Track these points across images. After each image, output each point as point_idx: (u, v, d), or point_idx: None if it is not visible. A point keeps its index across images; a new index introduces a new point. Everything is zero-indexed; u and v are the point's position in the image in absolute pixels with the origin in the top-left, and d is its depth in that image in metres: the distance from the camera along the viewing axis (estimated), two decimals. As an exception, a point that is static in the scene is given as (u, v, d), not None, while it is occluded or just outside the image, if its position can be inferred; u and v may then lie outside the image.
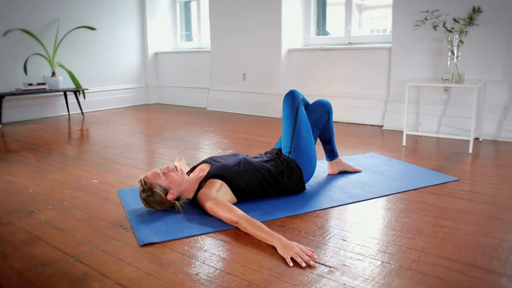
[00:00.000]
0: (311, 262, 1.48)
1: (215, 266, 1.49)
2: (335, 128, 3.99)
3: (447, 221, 1.86)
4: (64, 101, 5.24)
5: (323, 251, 1.59)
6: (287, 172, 2.16)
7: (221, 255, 1.57)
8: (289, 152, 2.24)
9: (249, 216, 1.76)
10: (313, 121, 2.41)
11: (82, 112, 5.28)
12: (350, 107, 4.50)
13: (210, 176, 2.02)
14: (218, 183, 2.00)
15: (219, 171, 2.04)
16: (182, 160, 2.74)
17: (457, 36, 3.22)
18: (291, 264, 1.48)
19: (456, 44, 3.24)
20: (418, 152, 3.15)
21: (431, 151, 3.17)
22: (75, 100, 5.20)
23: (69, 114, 5.32)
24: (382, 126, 4.20)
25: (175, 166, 2.02)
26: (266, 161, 2.19)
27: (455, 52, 3.25)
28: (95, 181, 2.53)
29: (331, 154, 2.57)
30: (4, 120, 4.66)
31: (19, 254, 1.59)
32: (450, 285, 1.35)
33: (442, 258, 1.52)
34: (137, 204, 2.08)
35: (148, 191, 1.93)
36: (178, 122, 4.71)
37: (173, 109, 5.83)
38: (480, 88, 3.42)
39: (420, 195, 2.21)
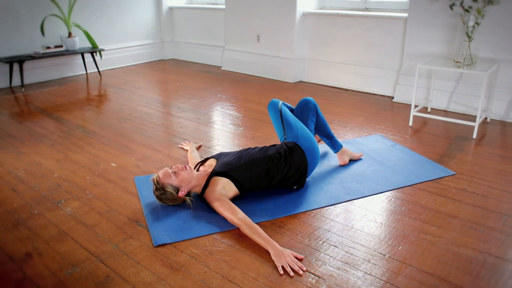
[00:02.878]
0: (300, 272, 1.69)
1: (218, 272, 1.71)
2: (346, 97, 4.10)
3: (433, 227, 2.02)
4: (82, 60, 5.36)
5: (314, 259, 1.79)
6: (287, 150, 2.29)
7: (225, 260, 1.78)
8: (285, 138, 2.43)
9: (249, 220, 1.95)
10: (305, 116, 2.59)
11: (99, 72, 5.40)
12: (362, 75, 4.50)
13: (214, 174, 2.20)
14: (222, 180, 2.17)
15: (222, 168, 2.21)
16: (191, 146, 2.91)
17: (473, 18, 3.14)
18: (281, 272, 1.69)
19: (472, 26, 3.17)
20: (423, 135, 3.23)
21: (435, 134, 3.24)
22: (92, 59, 5.31)
23: (86, 73, 5.46)
24: (393, 98, 4.23)
25: (184, 165, 2.20)
26: (266, 149, 2.33)
27: (470, 34, 3.19)
28: (113, 164, 2.74)
29: (336, 145, 2.70)
30: (25, 81, 4.84)
31: (51, 252, 1.84)
32: (421, 302, 1.55)
33: (420, 271, 1.71)
34: (151, 195, 2.28)
35: (160, 190, 2.13)
36: (192, 86, 4.81)
37: (188, 67, 5.89)
38: (491, 74, 3.39)
39: (415, 192, 2.35)
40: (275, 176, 2.26)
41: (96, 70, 5.44)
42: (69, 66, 5.32)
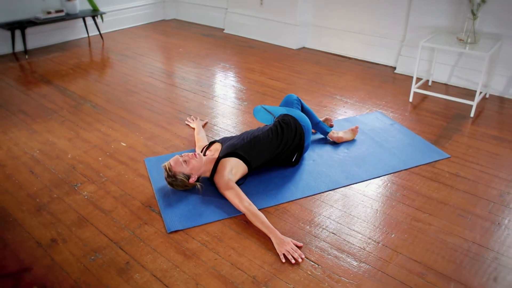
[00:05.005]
0: (299, 260, 1.87)
1: (227, 260, 1.89)
2: (349, 67, 4.30)
3: (424, 214, 2.18)
4: (83, 23, 5.30)
5: (314, 246, 1.97)
6: (281, 121, 2.52)
7: (233, 247, 1.96)
8: (274, 117, 2.63)
9: (254, 208, 2.10)
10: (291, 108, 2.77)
11: (101, 35, 5.36)
12: (365, 44, 4.49)
13: (221, 157, 2.34)
14: (230, 161, 2.32)
15: (228, 150, 2.36)
16: (198, 124, 3.02)
17: (480, -5, 3.12)
18: (283, 260, 1.87)
19: (478, 3, 3.15)
20: (422, 113, 3.32)
21: (434, 112, 3.33)
22: (94, 22, 5.25)
23: (88, 37, 5.42)
24: (395, 69, 4.26)
25: (194, 153, 2.32)
26: (264, 127, 2.56)
27: (475, 11, 3.18)
28: (123, 144, 2.87)
29: (325, 128, 2.84)
30: (27, 46, 4.82)
31: (74, 238, 2.02)
32: (408, 290, 1.74)
33: (409, 260, 1.89)
34: (162, 178, 2.42)
35: (172, 177, 2.27)
36: (195, 53, 4.81)
37: (190, 29, 5.83)
38: (492, 55, 3.40)
39: (410, 177, 2.49)
40: (277, 147, 2.44)
41: (98, 33, 5.40)
42: (70, 29, 5.27)
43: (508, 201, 2.28)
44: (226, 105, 3.49)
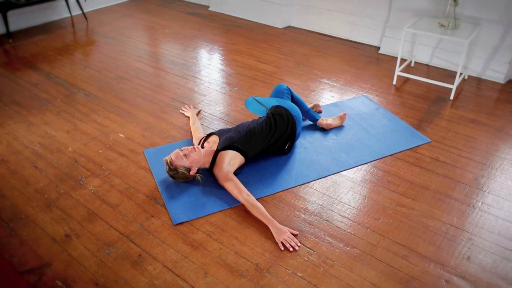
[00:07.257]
0: (296, 248, 2.07)
1: (231, 249, 2.07)
2: (334, 46, 4.48)
3: (408, 199, 2.40)
4: (65, 2, 5.20)
5: (309, 234, 2.16)
6: (274, 112, 2.66)
7: (235, 237, 2.14)
8: (267, 110, 2.76)
9: (252, 199, 2.26)
10: (280, 98, 2.89)
11: (84, 15, 5.27)
12: (350, 23, 4.58)
13: (220, 149, 2.48)
14: (228, 154, 2.47)
15: (226, 143, 2.50)
16: (192, 113, 3.12)
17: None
18: (282, 248, 2.07)
19: (459, -10, 3.27)
20: (405, 96, 3.50)
21: (416, 95, 3.51)
22: (76, 1, 5.15)
23: (71, 16, 5.33)
24: (379, 49, 4.39)
25: (193, 147, 2.46)
26: (258, 119, 2.69)
27: (456, -2, 3.30)
28: (121, 135, 2.96)
29: (314, 116, 2.99)
30: (10, 29, 4.74)
31: (87, 233, 2.16)
32: (393, 271, 1.96)
33: (394, 243, 2.11)
34: (163, 169, 2.56)
35: (174, 170, 2.41)
36: (182, 34, 4.81)
37: (174, 7, 5.77)
38: (471, 41, 3.55)
39: (394, 163, 2.69)
40: (271, 137, 2.59)
41: (81, 12, 5.31)
42: (53, 9, 5.17)
43: (482, 184, 2.51)
44: (218, 91, 3.58)
